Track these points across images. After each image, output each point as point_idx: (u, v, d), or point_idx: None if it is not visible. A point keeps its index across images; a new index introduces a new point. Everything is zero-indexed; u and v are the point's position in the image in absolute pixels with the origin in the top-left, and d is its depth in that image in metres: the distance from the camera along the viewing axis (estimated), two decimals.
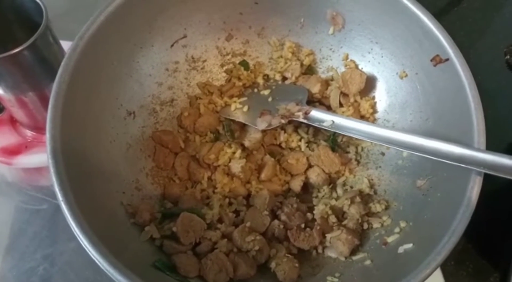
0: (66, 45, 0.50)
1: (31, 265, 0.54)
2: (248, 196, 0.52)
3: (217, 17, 0.56)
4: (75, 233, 0.37)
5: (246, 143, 0.53)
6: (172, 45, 0.55)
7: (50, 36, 0.50)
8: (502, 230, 0.60)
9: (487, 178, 0.41)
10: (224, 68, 0.59)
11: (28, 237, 0.56)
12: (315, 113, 0.52)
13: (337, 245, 0.47)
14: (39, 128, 0.59)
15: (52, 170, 0.38)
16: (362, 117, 0.55)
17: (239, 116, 0.55)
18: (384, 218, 0.49)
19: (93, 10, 0.46)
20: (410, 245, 0.43)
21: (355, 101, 0.55)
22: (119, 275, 0.36)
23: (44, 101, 0.53)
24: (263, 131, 0.54)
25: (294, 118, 0.53)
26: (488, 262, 0.59)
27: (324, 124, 0.50)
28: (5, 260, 0.54)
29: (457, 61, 0.45)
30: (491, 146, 0.43)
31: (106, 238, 0.38)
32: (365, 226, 0.49)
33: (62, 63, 0.43)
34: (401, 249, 0.43)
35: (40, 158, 0.58)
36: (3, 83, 0.51)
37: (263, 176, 0.53)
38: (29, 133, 0.61)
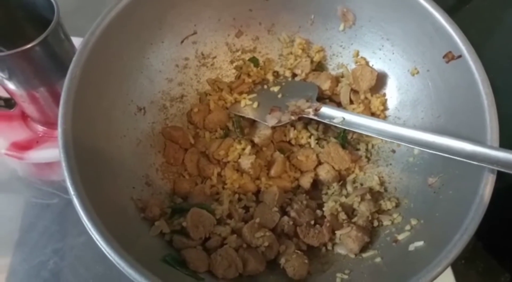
0: (77, 41, 0.50)
1: (41, 259, 0.54)
2: (257, 192, 0.52)
3: (227, 13, 0.56)
4: (86, 226, 0.37)
5: (256, 139, 0.53)
6: (182, 42, 0.55)
7: (61, 32, 0.51)
8: None
9: (498, 177, 0.40)
10: (234, 64, 0.59)
11: (38, 231, 0.56)
12: (326, 110, 0.52)
13: (347, 242, 0.47)
14: (50, 124, 0.60)
15: (64, 165, 0.39)
16: (373, 115, 0.55)
17: (249, 113, 0.55)
18: (395, 215, 0.48)
19: (102, 7, 0.47)
20: (421, 243, 0.42)
21: (366, 98, 0.55)
22: (130, 269, 0.36)
23: (55, 96, 0.54)
24: (273, 128, 0.54)
25: (304, 115, 0.53)
26: (499, 262, 0.58)
27: (335, 121, 0.50)
28: (16, 254, 0.55)
29: (470, 58, 0.45)
30: (503, 144, 0.42)
31: (116, 232, 0.38)
32: (375, 223, 0.49)
33: (74, 59, 0.43)
34: (411, 247, 0.43)
35: (51, 153, 0.58)
36: (14, 78, 0.51)
37: (272, 172, 0.52)
38: (40, 128, 0.61)
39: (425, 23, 0.48)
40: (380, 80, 0.55)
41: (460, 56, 0.46)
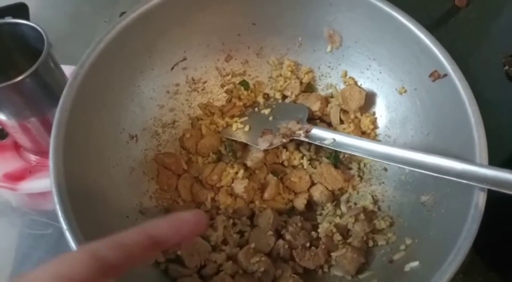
0: (68, 69, 0.50)
1: None
2: (252, 216, 0.52)
3: (215, 39, 0.57)
4: None
5: (249, 163, 0.54)
6: (172, 68, 0.56)
7: (51, 62, 0.51)
8: (511, 241, 0.59)
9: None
10: (225, 88, 0.59)
11: (32, 262, 0.55)
12: (316, 131, 0.52)
13: (343, 264, 0.47)
14: (43, 153, 0.60)
15: (55, 199, 0.38)
16: (363, 133, 0.56)
17: (241, 137, 0.55)
18: (389, 234, 0.48)
19: (93, 33, 0.46)
20: (416, 263, 0.42)
21: (356, 117, 0.56)
22: None
23: (47, 126, 0.54)
24: (265, 150, 0.54)
25: (295, 137, 0.53)
26: (497, 274, 0.58)
27: (325, 142, 0.50)
28: None
29: (456, 76, 0.45)
30: (494, 155, 0.42)
31: None
32: (370, 243, 0.49)
33: (64, 92, 0.43)
34: (407, 267, 0.43)
35: (44, 182, 0.58)
36: (5, 110, 0.51)
37: (266, 195, 0.52)
38: (33, 158, 0.61)
39: (410, 43, 0.49)
40: (369, 99, 0.56)
41: (445, 75, 0.46)
